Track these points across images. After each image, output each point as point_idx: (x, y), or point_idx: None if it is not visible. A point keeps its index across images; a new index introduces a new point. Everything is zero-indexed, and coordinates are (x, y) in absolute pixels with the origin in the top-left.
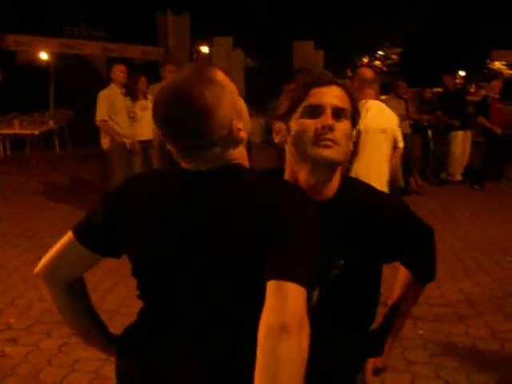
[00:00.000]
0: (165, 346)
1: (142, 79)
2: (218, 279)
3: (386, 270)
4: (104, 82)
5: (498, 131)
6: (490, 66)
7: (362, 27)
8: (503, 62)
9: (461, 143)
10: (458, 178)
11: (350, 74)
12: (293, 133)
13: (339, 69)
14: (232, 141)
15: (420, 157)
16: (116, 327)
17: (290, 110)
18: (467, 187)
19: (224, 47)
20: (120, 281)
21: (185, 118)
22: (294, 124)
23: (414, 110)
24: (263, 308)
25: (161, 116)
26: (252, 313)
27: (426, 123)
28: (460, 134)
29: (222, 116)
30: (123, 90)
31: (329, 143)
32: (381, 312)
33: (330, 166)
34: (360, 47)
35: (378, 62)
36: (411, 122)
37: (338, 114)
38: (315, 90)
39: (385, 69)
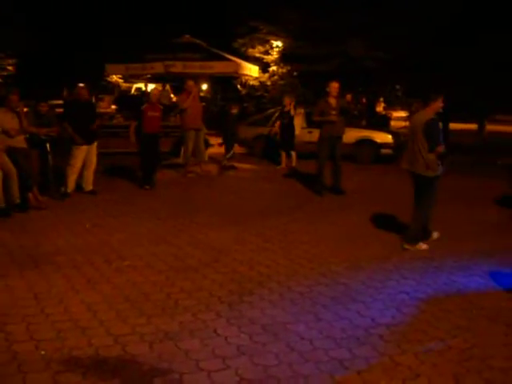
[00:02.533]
0: None
1: None
2: None
3: None
4: None
5: None
6: (108, 79)
7: None
8: (119, 75)
9: (82, 156)
10: (90, 187)
11: None
12: None
13: None
14: None
15: (39, 171)
16: None
17: None
18: (93, 197)
19: None
20: None
21: None
22: None
23: (28, 123)
24: None
25: None
26: None
27: (43, 137)
28: (83, 147)
29: None
30: None
31: None
32: None
33: None
34: None
35: None
36: (27, 136)
37: None
38: None
39: (0, 80)
